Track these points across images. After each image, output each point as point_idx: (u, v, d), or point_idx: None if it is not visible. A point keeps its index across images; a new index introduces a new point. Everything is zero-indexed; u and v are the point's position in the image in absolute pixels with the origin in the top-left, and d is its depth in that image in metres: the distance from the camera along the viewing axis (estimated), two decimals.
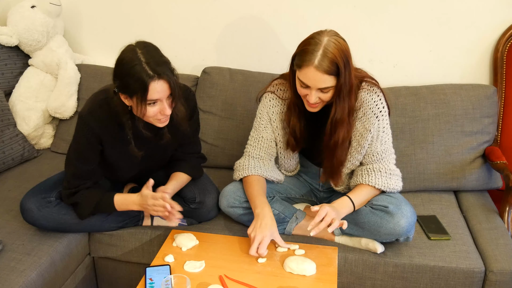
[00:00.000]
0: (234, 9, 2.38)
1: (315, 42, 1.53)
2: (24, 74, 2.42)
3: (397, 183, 1.75)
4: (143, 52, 1.52)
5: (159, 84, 1.50)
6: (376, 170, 1.73)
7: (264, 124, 1.83)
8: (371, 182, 1.72)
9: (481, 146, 2.15)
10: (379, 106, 1.70)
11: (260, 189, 1.77)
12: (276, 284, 1.52)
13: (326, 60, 1.51)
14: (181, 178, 1.86)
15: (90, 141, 1.69)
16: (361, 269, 1.76)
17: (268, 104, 1.82)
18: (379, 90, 1.72)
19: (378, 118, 1.71)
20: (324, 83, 1.54)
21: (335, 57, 1.51)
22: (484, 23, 2.21)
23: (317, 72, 1.52)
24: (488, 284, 1.70)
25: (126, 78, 1.51)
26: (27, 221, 1.77)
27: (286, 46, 2.38)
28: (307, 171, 1.96)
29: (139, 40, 1.58)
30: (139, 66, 1.49)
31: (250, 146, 1.86)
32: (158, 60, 1.52)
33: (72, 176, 1.75)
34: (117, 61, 1.56)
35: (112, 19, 2.54)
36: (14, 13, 2.35)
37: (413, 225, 1.70)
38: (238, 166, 1.87)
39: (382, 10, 2.25)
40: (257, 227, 1.64)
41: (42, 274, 1.67)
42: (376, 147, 1.73)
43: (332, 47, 1.52)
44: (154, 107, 1.55)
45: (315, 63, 1.51)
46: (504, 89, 2.23)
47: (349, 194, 1.72)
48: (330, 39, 1.53)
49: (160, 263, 1.61)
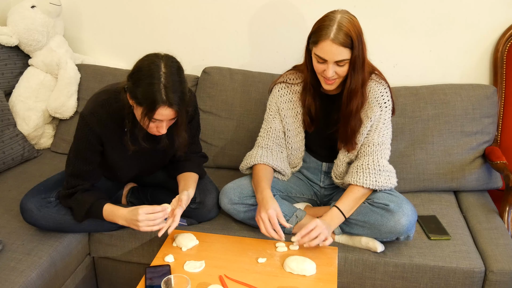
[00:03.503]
0: (234, 9, 2.38)
1: (329, 18, 1.63)
2: (24, 74, 2.42)
3: (388, 180, 1.75)
4: (166, 72, 1.50)
5: (167, 110, 1.51)
6: (365, 166, 1.75)
7: (273, 115, 1.89)
8: (359, 182, 1.74)
9: (481, 146, 2.15)
10: (384, 98, 1.77)
11: (263, 176, 1.81)
12: (276, 284, 1.52)
13: (341, 33, 1.60)
14: (194, 177, 1.87)
15: (90, 141, 1.69)
16: (361, 269, 1.76)
17: (277, 94, 1.88)
18: (387, 85, 1.79)
19: (381, 108, 1.76)
20: (340, 55, 1.62)
21: (349, 31, 1.60)
22: (484, 23, 2.21)
23: (333, 45, 1.60)
24: (488, 284, 1.70)
25: (140, 89, 1.51)
26: (27, 221, 1.77)
27: (286, 46, 2.38)
28: (308, 166, 1.98)
29: (168, 55, 1.56)
30: (156, 86, 1.48)
31: (260, 137, 1.92)
32: (176, 86, 1.51)
33: (70, 175, 1.75)
34: (138, 66, 1.54)
35: (112, 19, 2.54)
36: (14, 13, 2.35)
37: (413, 223, 1.71)
38: (247, 156, 1.92)
39: (382, 10, 2.25)
40: (259, 209, 1.69)
41: (42, 274, 1.67)
42: (374, 137, 1.77)
43: (346, 22, 1.61)
44: (154, 123, 1.57)
45: (331, 37, 1.60)
46: (504, 89, 2.23)
47: (337, 204, 1.74)
48: (343, 15, 1.63)
49: (160, 263, 1.61)
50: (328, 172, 1.95)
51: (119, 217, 1.70)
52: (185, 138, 1.68)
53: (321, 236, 1.62)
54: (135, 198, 2.01)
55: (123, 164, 1.81)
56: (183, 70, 1.58)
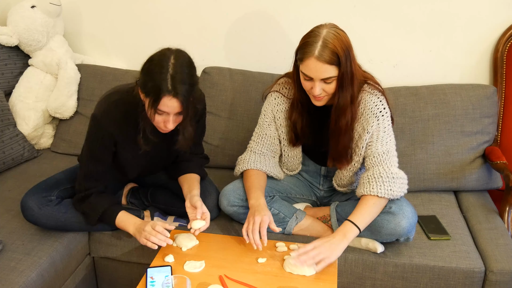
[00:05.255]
0: (234, 9, 2.38)
1: (314, 34, 1.58)
2: (24, 74, 2.42)
3: (401, 187, 1.69)
4: (175, 63, 1.50)
5: (172, 101, 1.50)
6: (377, 176, 1.67)
7: (268, 122, 1.86)
8: (373, 192, 1.66)
9: (481, 146, 2.15)
10: (379, 107, 1.70)
11: (256, 183, 1.79)
12: (276, 284, 1.52)
13: (326, 50, 1.54)
14: (196, 179, 1.87)
15: (104, 143, 1.69)
16: (361, 269, 1.76)
17: (273, 102, 1.84)
18: (381, 94, 1.71)
19: (377, 118, 1.70)
20: (326, 73, 1.57)
21: (335, 47, 1.55)
22: (484, 23, 2.21)
23: (318, 62, 1.55)
24: (488, 284, 1.70)
25: (147, 78, 1.51)
26: (28, 219, 1.77)
27: (286, 46, 2.38)
28: (308, 169, 1.97)
29: (180, 49, 1.56)
30: (163, 75, 1.48)
31: (254, 142, 1.89)
32: (184, 78, 1.51)
33: (84, 177, 1.75)
34: (149, 58, 1.55)
35: (112, 19, 2.54)
36: (14, 13, 2.35)
37: (414, 225, 1.70)
38: (239, 161, 1.90)
39: (382, 10, 2.25)
40: (253, 212, 1.66)
41: (42, 274, 1.67)
42: (377, 148, 1.71)
43: (331, 38, 1.55)
44: (161, 116, 1.56)
45: (315, 54, 1.55)
46: (504, 89, 2.23)
47: (350, 217, 1.64)
48: (329, 30, 1.57)
49: (160, 263, 1.61)
50: (327, 176, 1.94)
51: (132, 224, 1.71)
52: (191, 133, 1.67)
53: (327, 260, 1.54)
54: (135, 198, 2.01)
55: (134, 162, 1.81)
56: (194, 65, 1.57)
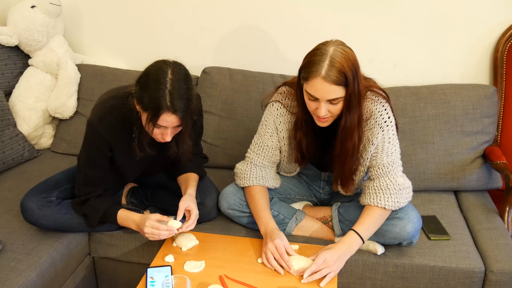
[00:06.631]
0: (234, 9, 2.38)
1: (321, 52, 1.48)
2: (24, 74, 2.42)
3: (407, 197, 1.68)
4: (172, 79, 1.50)
5: (171, 117, 1.50)
6: (384, 187, 1.64)
7: (270, 133, 1.77)
8: (380, 204, 1.64)
9: (481, 146, 2.15)
10: (384, 117, 1.63)
11: (262, 202, 1.75)
12: (276, 284, 1.52)
13: (333, 70, 1.45)
14: (194, 178, 1.87)
15: (100, 149, 1.69)
16: (361, 269, 1.76)
17: (275, 113, 1.75)
18: (385, 101, 1.65)
19: (382, 129, 1.63)
20: (333, 94, 1.49)
21: (343, 67, 1.46)
22: (484, 23, 2.21)
23: (325, 83, 1.46)
24: (488, 284, 1.70)
25: (146, 94, 1.51)
26: (28, 220, 1.77)
27: (286, 46, 2.38)
28: (308, 173, 1.95)
29: (176, 62, 1.56)
30: (162, 92, 1.48)
31: (254, 153, 1.80)
32: (182, 93, 1.50)
33: (83, 183, 1.76)
34: (145, 72, 1.54)
35: (112, 19, 2.54)
36: (14, 13, 2.35)
37: (418, 230, 1.70)
38: (240, 173, 1.83)
39: (382, 10, 2.25)
40: (265, 241, 1.63)
41: (42, 274, 1.67)
42: (382, 159, 1.65)
43: (339, 57, 1.46)
44: (159, 129, 1.56)
45: (322, 74, 1.46)
46: (504, 89, 2.23)
47: (355, 227, 1.63)
48: (336, 48, 1.48)
49: (160, 263, 1.61)
50: (327, 181, 1.92)
51: (132, 221, 1.72)
52: (190, 146, 1.69)
53: (332, 274, 1.54)
54: (135, 198, 2.01)
55: (131, 167, 1.82)
56: (191, 78, 1.57)
